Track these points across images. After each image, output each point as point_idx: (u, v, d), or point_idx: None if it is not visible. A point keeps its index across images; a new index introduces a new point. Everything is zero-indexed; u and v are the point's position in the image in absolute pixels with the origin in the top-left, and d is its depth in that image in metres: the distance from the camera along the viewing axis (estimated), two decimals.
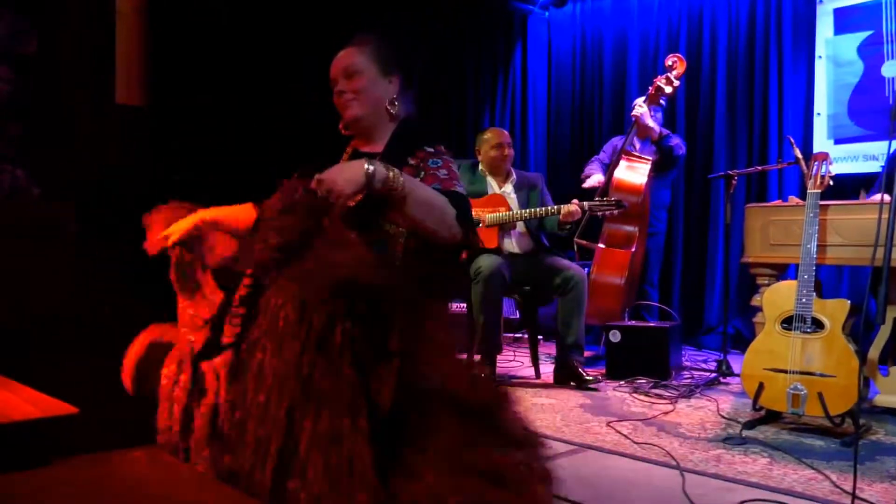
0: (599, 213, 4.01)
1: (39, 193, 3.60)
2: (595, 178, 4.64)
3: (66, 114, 3.73)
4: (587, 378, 3.71)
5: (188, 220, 1.74)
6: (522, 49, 6.43)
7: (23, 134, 3.66)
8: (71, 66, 3.81)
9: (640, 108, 4.53)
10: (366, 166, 1.53)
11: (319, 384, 1.28)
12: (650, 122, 4.52)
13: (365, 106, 1.87)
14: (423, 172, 1.79)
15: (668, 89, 4.55)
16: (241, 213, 1.82)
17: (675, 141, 4.58)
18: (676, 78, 4.57)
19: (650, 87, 4.58)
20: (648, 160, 4.46)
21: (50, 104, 3.72)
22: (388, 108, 1.89)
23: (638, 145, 4.61)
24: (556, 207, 3.85)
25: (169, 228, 1.74)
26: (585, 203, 3.87)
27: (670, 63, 4.62)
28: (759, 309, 3.15)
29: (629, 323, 4.20)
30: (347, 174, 1.52)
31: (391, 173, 1.56)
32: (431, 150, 1.85)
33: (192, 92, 4.38)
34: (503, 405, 1.42)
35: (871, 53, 4.70)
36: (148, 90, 4.31)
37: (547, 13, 6.40)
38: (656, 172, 4.54)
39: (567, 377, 3.77)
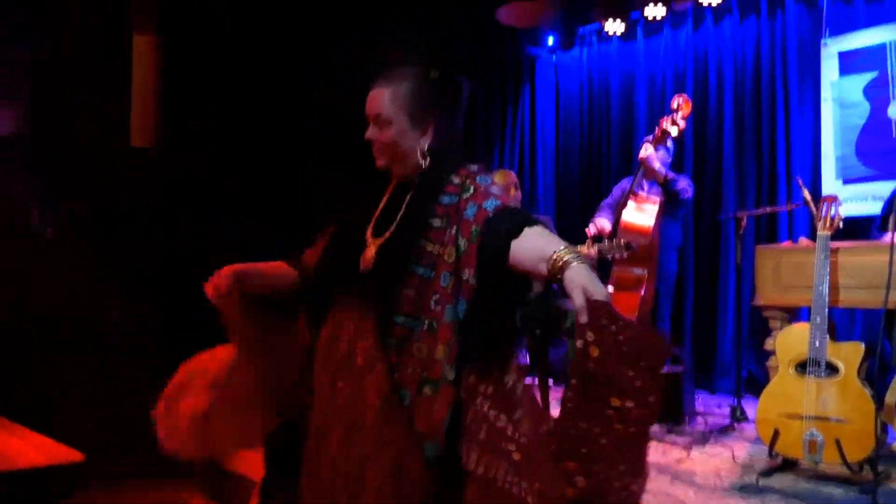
0: (608, 256, 4.00)
1: (52, 233, 3.63)
2: (600, 223, 4.62)
3: (81, 154, 3.78)
4: None
5: (226, 274, 1.75)
6: (531, 91, 6.50)
7: (36, 172, 3.71)
8: (87, 108, 3.87)
9: (647, 149, 4.54)
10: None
11: None
12: (656, 164, 4.52)
13: (395, 157, 1.76)
14: (472, 188, 1.68)
15: (675, 130, 4.56)
16: (277, 269, 1.86)
17: (682, 184, 4.57)
18: (682, 119, 4.57)
19: (656, 129, 4.60)
20: (656, 201, 4.45)
21: (65, 144, 3.77)
22: (420, 159, 1.75)
23: (646, 187, 4.61)
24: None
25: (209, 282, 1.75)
26: (595, 246, 3.86)
27: (676, 105, 4.63)
28: (772, 353, 3.12)
29: None
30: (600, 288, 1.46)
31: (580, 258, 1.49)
32: (476, 167, 1.76)
33: (206, 134, 4.43)
34: None
35: (876, 95, 4.72)
36: (161, 133, 4.37)
37: (554, 56, 6.48)
38: (665, 212, 4.53)
39: None
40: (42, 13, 3.82)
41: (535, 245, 1.53)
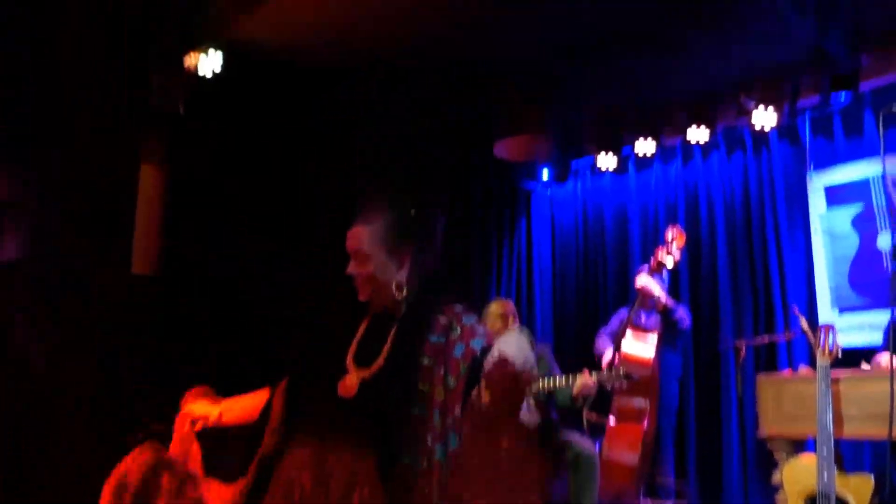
0: (608, 386, 3.96)
1: (47, 365, 3.60)
2: (600, 351, 4.62)
3: (82, 280, 3.81)
4: None
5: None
6: (527, 223, 6.64)
7: (37, 303, 3.72)
8: (90, 238, 3.94)
9: (644, 279, 4.60)
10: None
11: None
12: (655, 292, 4.56)
13: (374, 290, 1.85)
14: (458, 329, 1.77)
15: (670, 261, 4.65)
16: (250, 407, 1.87)
17: (680, 314, 4.60)
18: (678, 249, 4.67)
19: (652, 259, 4.68)
20: (655, 332, 4.46)
21: (67, 270, 3.81)
22: (395, 291, 1.85)
23: (644, 317, 4.64)
24: (568, 379, 3.80)
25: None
26: (595, 375, 3.83)
27: (670, 236, 4.74)
28: (780, 486, 3.02)
29: (646, 502, 4.01)
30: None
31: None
32: (461, 308, 1.84)
33: (205, 264, 4.50)
34: None
35: (864, 227, 4.82)
36: (162, 261, 4.43)
37: (549, 190, 6.67)
38: (665, 343, 4.52)
39: None
40: (49, 140, 3.96)
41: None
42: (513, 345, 1.63)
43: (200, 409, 1.91)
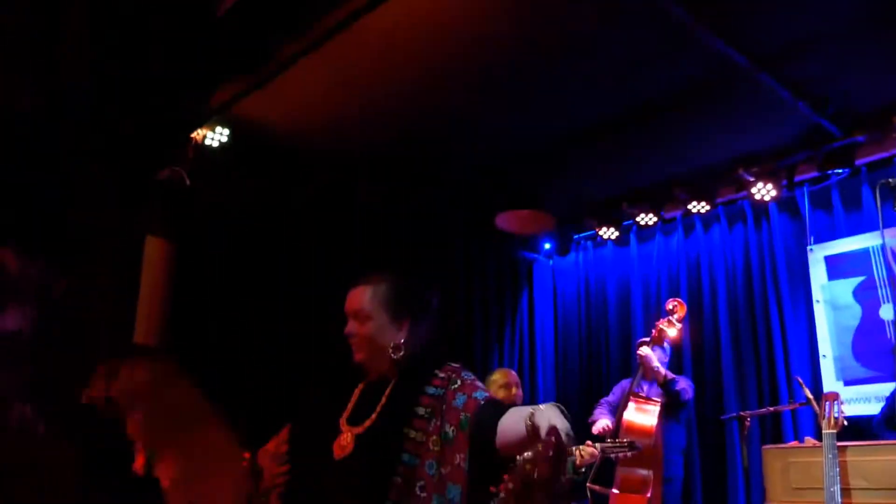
0: (612, 456, 3.90)
1: (44, 431, 3.57)
2: (602, 423, 4.57)
3: (84, 353, 3.81)
4: None
5: None
6: (529, 293, 6.66)
7: (36, 373, 3.72)
8: (94, 308, 3.96)
9: (645, 350, 4.60)
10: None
11: None
12: (655, 363, 4.56)
13: (371, 352, 1.87)
14: (458, 381, 1.79)
15: (672, 332, 4.66)
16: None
17: (682, 385, 4.58)
18: (678, 321, 4.69)
19: (653, 330, 4.69)
20: (657, 402, 4.43)
21: (68, 342, 3.81)
22: (392, 353, 1.86)
23: (646, 388, 4.62)
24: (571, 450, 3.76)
25: None
26: (598, 445, 3.79)
27: (671, 307, 4.77)
28: None
29: None
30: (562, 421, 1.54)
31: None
32: (458, 364, 1.86)
33: (207, 335, 4.51)
34: None
35: (866, 297, 4.82)
36: (165, 332, 4.44)
37: (551, 261, 6.71)
38: (666, 414, 4.49)
39: None
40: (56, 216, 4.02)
41: (518, 415, 1.61)
42: (558, 416, 1.57)
43: None
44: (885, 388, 4.59)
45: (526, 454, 1.46)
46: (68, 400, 3.86)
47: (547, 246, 6.65)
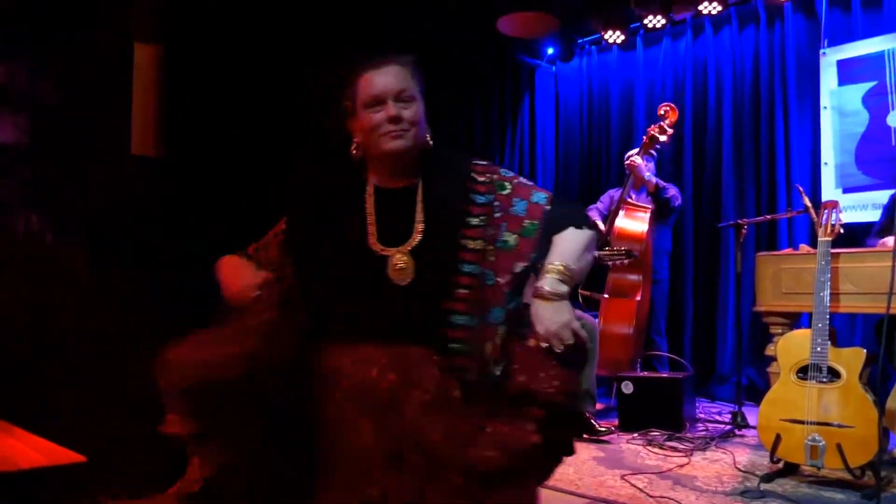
0: (609, 262, 4.01)
1: (52, 238, 3.62)
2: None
3: (82, 162, 3.78)
4: (600, 429, 3.66)
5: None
6: (530, 100, 6.52)
7: (36, 179, 3.71)
8: (88, 117, 3.88)
9: (637, 160, 4.59)
10: (566, 306, 1.56)
11: None
12: (646, 174, 4.58)
13: (417, 138, 1.63)
14: (507, 185, 1.67)
15: (662, 138, 4.63)
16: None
17: (672, 192, 4.62)
18: (669, 126, 4.64)
19: (644, 137, 4.66)
20: (648, 208, 4.51)
21: (65, 151, 3.78)
22: (429, 140, 1.68)
23: (634, 196, 4.66)
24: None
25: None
26: (596, 252, 3.87)
27: (662, 112, 4.71)
28: (773, 358, 3.11)
29: (641, 374, 4.15)
30: (564, 332, 1.54)
31: (567, 285, 1.57)
32: (486, 162, 1.72)
33: (208, 143, 4.45)
34: None
35: (875, 103, 4.73)
36: (163, 141, 4.38)
37: (554, 67, 6.50)
38: (655, 220, 4.57)
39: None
40: (42, 22, 3.84)
41: (570, 243, 1.63)
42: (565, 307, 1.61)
43: None
44: (882, 196, 4.62)
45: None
46: (71, 208, 3.88)
47: (550, 51, 6.41)
